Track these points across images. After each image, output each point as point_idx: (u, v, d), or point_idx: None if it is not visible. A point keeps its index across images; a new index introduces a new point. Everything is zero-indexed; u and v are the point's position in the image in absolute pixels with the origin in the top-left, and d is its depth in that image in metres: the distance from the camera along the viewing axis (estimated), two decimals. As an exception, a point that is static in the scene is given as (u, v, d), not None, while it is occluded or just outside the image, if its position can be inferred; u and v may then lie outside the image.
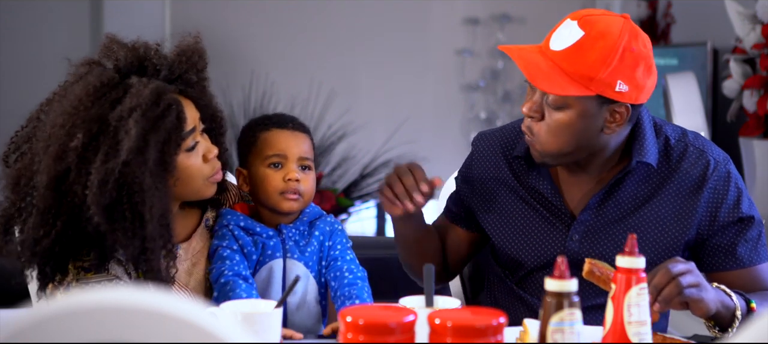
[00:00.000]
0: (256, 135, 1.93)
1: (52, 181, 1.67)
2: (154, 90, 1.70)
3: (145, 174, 1.67)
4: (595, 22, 1.79)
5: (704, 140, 1.96)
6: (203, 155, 1.80)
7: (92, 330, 1.05)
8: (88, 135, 1.67)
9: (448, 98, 5.22)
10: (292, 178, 1.89)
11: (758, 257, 1.92)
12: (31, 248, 1.69)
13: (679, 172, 1.91)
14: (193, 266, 1.89)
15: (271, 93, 4.79)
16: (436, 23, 5.19)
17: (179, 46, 1.83)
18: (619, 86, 1.78)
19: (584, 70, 1.77)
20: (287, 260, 1.91)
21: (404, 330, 1.34)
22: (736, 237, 1.91)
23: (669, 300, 1.64)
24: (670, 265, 1.66)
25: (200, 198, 1.86)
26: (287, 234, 1.92)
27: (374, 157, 4.88)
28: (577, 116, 1.80)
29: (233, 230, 1.89)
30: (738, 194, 1.91)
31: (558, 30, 1.82)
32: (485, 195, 2.03)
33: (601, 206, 1.92)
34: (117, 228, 1.68)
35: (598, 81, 1.77)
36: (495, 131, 2.06)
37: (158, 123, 1.69)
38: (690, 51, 4.01)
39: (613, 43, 1.77)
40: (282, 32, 5.03)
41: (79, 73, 1.77)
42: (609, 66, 1.77)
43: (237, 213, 1.92)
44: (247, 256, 1.89)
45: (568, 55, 1.78)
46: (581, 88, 1.77)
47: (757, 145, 3.23)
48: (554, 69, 1.79)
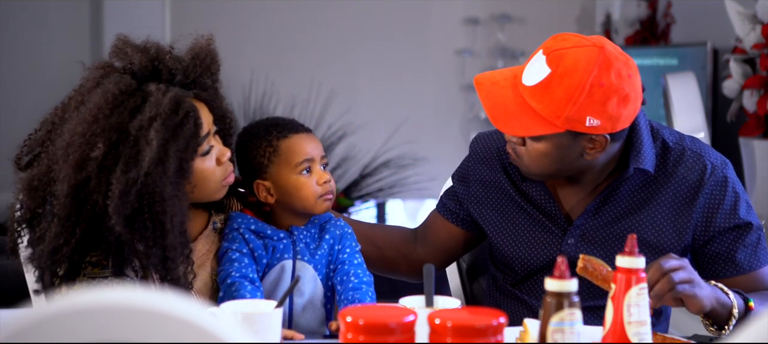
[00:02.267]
0: (275, 144, 1.91)
1: (73, 190, 1.67)
2: (173, 98, 1.70)
3: (166, 183, 1.67)
4: (563, 57, 1.76)
5: (702, 144, 1.94)
6: (217, 158, 1.81)
7: (92, 330, 1.05)
8: (108, 144, 1.67)
9: (448, 98, 5.22)
10: (326, 180, 1.91)
11: (758, 261, 1.90)
12: (51, 256, 1.69)
13: (676, 176, 1.90)
14: (198, 268, 1.88)
15: (271, 93, 4.79)
16: (436, 23, 5.19)
17: (193, 49, 1.82)
18: (590, 122, 1.75)
19: (551, 108, 1.76)
20: (297, 261, 1.91)
21: (404, 330, 1.34)
22: (735, 244, 1.89)
23: (661, 296, 1.64)
24: (663, 261, 1.66)
25: (213, 200, 1.86)
26: (298, 235, 1.92)
27: (374, 157, 4.88)
28: (553, 147, 1.81)
29: (244, 233, 1.89)
30: (735, 199, 1.90)
31: (530, 63, 1.81)
32: (481, 196, 2.03)
33: (597, 211, 1.92)
34: (138, 237, 1.69)
35: (565, 118, 1.75)
36: (493, 134, 2.06)
37: (178, 132, 1.69)
38: (690, 51, 4.01)
39: (580, 80, 1.74)
40: (282, 32, 5.03)
41: (95, 76, 1.77)
42: (576, 103, 1.74)
43: (247, 217, 1.92)
44: (257, 260, 1.89)
45: (536, 92, 1.77)
46: (549, 125, 1.77)
47: (757, 145, 3.23)
48: (522, 106, 1.79)
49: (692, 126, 3.42)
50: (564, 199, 1.95)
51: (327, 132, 4.77)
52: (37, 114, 1.85)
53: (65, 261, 1.70)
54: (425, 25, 5.19)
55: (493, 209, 2.01)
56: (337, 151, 4.81)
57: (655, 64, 4.19)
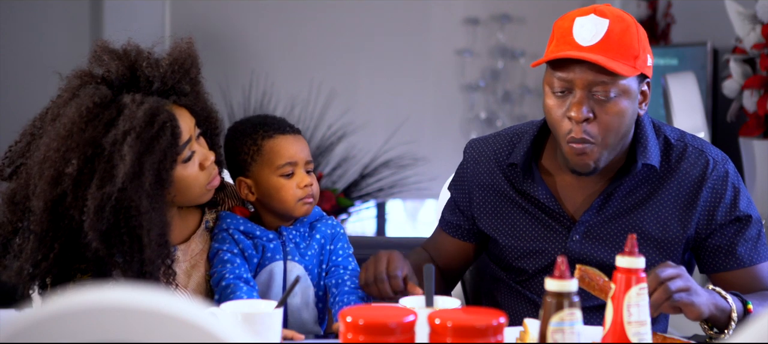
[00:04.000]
0: (259, 144, 1.90)
1: (49, 205, 1.66)
2: (147, 111, 1.68)
3: (142, 197, 1.66)
4: (607, 9, 1.83)
5: (703, 141, 1.97)
6: (200, 163, 1.79)
7: (92, 330, 1.05)
8: (83, 159, 1.66)
9: (448, 98, 5.22)
10: (308, 184, 1.90)
11: (758, 256, 1.92)
12: (30, 272, 1.69)
13: (679, 171, 1.92)
14: (192, 268, 1.88)
15: (271, 93, 4.78)
16: (436, 23, 5.19)
17: (171, 54, 1.80)
18: (649, 60, 1.85)
19: (628, 51, 1.80)
20: (288, 262, 1.91)
21: (404, 330, 1.34)
22: (736, 237, 1.91)
23: (657, 305, 1.64)
24: (659, 270, 1.66)
25: (198, 204, 1.86)
26: (287, 236, 1.92)
27: (374, 157, 4.88)
28: (628, 101, 1.82)
29: (233, 234, 1.89)
30: (735, 193, 1.92)
31: (576, 29, 1.81)
32: (482, 202, 2.02)
33: (602, 207, 1.92)
34: (115, 252, 1.68)
35: (640, 58, 1.82)
36: (487, 139, 2.06)
37: (153, 144, 1.67)
38: (690, 51, 4.00)
39: (633, 22, 1.83)
40: (282, 32, 5.03)
41: (72, 86, 1.75)
42: (640, 42, 1.83)
43: (236, 217, 1.91)
44: (248, 259, 1.88)
45: (607, 44, 1.79)
46: (631, 68, 1.80)
47: (757, 145, 3.23)
48: (606, 59, 1.78)
49: (692, 126, 3.42)
50: (568, 198, 1.95)
51: (327, 132, 4.77)
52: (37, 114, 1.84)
53: (45, 275, 1.70)
54: (425, 25, 5.19)
55: (496, 213, 2.01)
56: (337, 151, 4.81)
57: (655, 64, 4.19)
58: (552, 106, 1.84)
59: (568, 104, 1.81)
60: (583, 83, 1.79)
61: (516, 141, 2.00)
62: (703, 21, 4.30)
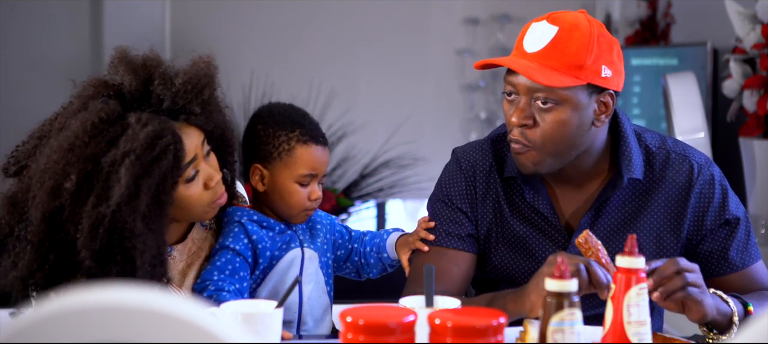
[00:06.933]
0: (292, 145, 1.90)
1: (46, 217, 1.66)
2: (149, 133, 1.66)
3: (137, 220, 1.64)
4: (563, 16, 1.81)
5: (684, 145, 1.96)
6: (204, 182, 1.78)
7: (92, 330, 1.05)
8: (82, 175, 1.65)
9: (448, 98, 5.21)
10: (317, 198, 1.92)
11: (750, 258, 1.92)
12: (25, 281, 1.69)
13: (665, 180, 1.91)
14: (188, 267, 1.87)
15: (271, 93, 4.78)
16: (436, 23, 5.19)
17: (187, 73, 1.78)
18: (604, 71, 1.80)
19: (571, 60, 1.77)
20: (305, 249, 1.95)
21: (404, 330, 1.34)
22: (727, 241, 1.91)
23: (672, 292, 1.64)
24: (678, 259, 1.66)
25: (201, 221, 1.85)
26: (296, 227, 1.96)
27: (374, 157, 4.88)
28: (571, 111, 1.80)
29: (246, 224, 1.89)
30: (724, 195, 1.92)
31: (527, 34, 1.82)
32: (481, 211, 1.96)
33: (593, 224, 1.91)
34: (108, 271, 1.66)
35: (586, 69, 1.78)
36: (474, 147, 2.00)
37: (152, 167, 1.66)
38: (690, 51, 4.00)
39: (588, 30, 1.79)
40: (282, 32, 5.03)
41: (85, 95, 1.74)
42: (591, 52, 1.78)
43: (247, 209, 1.93)
44: (260, 253, 1.89)
45: (550, 51, 1.78)
46: (572, 78, 1.78)
47: (757, 145, 3.23)
48: (542, 67, 1.78)
49: (692, 126, 3.41)
50: (560, 212, 1.94)
51: (327, 132, 4.75)
52: (37, 114, 1.84)
53: (41, 285, 1.69)
54: (425, 25, 5.18)
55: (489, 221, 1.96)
56: (337, 151, 4.81)
57: (655, 64, 4.19)
58: (505, 107, 1.87)
59: (514, 107, 1.83)
60: (524, 89, 1.81)
61: (504, 149, 1.97)
62: (703, 21, 4.29)
